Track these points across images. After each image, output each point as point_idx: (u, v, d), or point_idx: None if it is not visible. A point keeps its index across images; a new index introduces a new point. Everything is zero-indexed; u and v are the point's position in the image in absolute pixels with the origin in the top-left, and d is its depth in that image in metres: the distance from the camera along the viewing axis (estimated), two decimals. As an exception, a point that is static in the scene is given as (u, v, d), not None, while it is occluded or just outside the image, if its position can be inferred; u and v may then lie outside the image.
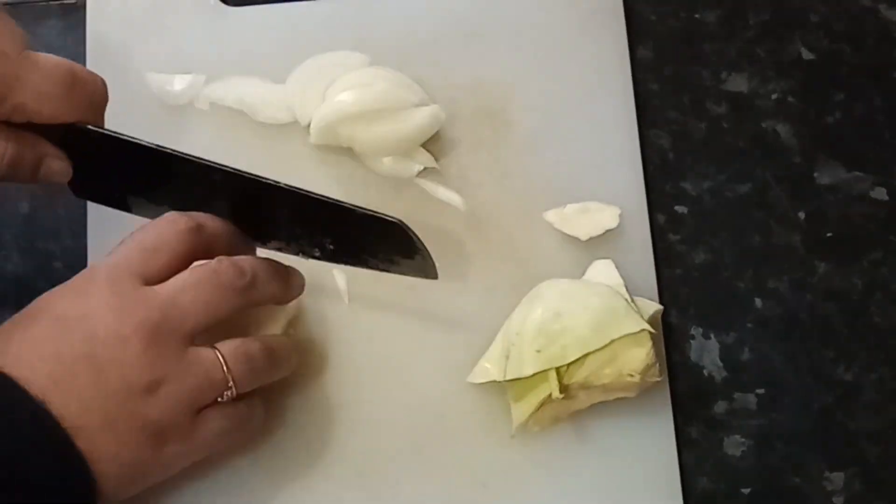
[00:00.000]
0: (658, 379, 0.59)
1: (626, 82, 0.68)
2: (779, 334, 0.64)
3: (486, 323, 0.63)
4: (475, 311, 0.63)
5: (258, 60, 0.68)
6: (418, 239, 0.58)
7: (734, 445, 0.62)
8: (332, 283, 0.64)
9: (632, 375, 0.58)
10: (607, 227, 0.64)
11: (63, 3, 0.70)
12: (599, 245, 0.64)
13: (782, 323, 0.64)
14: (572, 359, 0.57)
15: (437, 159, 0.66)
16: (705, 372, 0.63)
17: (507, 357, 0.59)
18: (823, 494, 0.61)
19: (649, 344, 0.58)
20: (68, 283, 0.55)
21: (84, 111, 0.56)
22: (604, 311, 0.58)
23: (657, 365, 0.59)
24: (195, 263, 0.56)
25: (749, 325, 0.64)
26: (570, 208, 0.65)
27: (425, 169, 0.66)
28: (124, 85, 0.64)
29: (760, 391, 0.63)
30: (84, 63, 0.67)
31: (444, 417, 0.62)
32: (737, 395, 0.63)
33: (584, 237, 0.64)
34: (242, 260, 0.56)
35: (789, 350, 0.64)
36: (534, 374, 0.58)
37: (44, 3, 0.70)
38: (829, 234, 0.66)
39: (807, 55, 0.70)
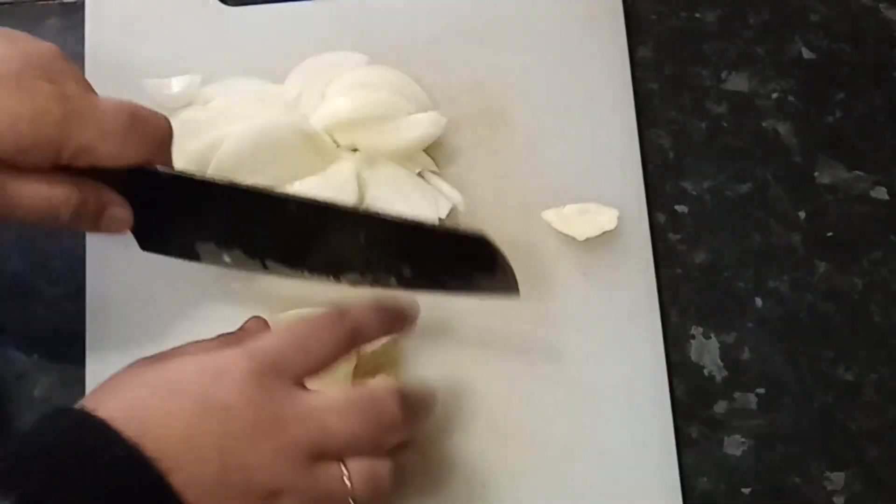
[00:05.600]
0: None
1: (626, 82, 0.68)
2: (779, 334, 0.64)
3: (483, 323, 0.63)
4: (472, 311, 0.63)
5: (257, 60, 0.68)
6: (501, 253, 0.56)
7: (734, 445, 0.62)
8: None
9: None
10: (605, 229, 0.64)
11: (63, 3, 0.70)
12: (598, 245, 0.64)
13: (782, 323, 0.64)
14: None
15: (435, 158, 0.66)
16: (705, 372, 0.63)
17: None
18: (823, 494, 0.61)
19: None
20: (202, 354, 0.52)
21: (148, 150, 0.54)
22: None
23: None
24: None
25: (749, 324, 0.64)
26: (570, 208, 0.64)
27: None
28: (123, 86, 0.64)
29: (760, 391, 0.63)
30: (83, 63, 0.67)
31: (442, 417, 0.61)
32: (737, 395, 0.63)
33: (581, 237, 0.64)
34: (405, 394, 0.54)
35: (789, 350, 0.64)
36: None
37: (43, 3, 0.70)
38: (829, 234, 0.66)
39: (807, 55, 0.70)
